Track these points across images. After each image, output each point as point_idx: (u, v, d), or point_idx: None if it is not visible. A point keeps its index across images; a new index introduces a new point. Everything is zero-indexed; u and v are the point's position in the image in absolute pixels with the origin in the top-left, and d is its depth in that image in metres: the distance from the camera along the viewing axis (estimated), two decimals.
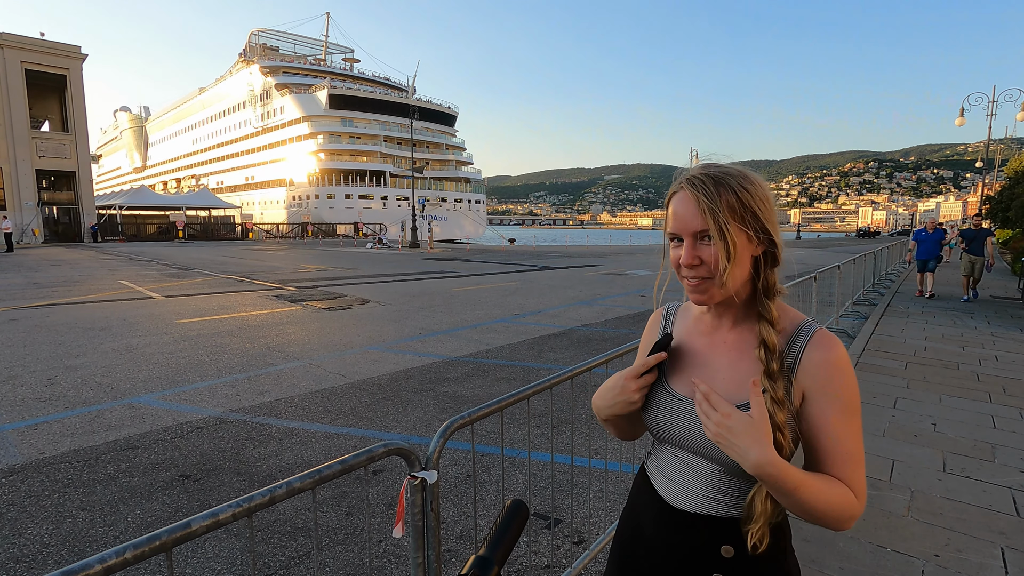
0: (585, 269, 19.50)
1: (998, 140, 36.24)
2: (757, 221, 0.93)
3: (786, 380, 0.93)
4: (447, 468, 3.64)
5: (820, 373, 0.91)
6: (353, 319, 9.14)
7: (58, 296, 11.59)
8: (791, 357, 0.94)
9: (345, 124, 62.02)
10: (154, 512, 3.09)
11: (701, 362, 1.03)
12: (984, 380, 5.50)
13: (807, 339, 0.94)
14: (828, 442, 0.90)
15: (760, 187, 0.95)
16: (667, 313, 1.18)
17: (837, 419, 0.90)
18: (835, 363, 0.91)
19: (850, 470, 0.90)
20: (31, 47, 36.13)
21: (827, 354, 0.92)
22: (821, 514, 0.87)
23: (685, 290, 1.00)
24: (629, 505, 1.17)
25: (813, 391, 0.91)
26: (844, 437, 0.90)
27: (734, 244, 0.91)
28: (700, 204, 0.92)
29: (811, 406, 0.92)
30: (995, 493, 3.20)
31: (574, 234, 73.12)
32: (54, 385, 5.41)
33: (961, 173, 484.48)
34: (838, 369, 0.91)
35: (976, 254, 10.96)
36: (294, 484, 1.14)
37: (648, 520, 1.08)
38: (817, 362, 0.91)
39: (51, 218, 38.50)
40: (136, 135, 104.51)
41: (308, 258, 24.32)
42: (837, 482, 0.89)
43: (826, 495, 0.86)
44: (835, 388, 0.90)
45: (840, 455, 0.90)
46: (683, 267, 0.95)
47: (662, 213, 1.03)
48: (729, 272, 0.91)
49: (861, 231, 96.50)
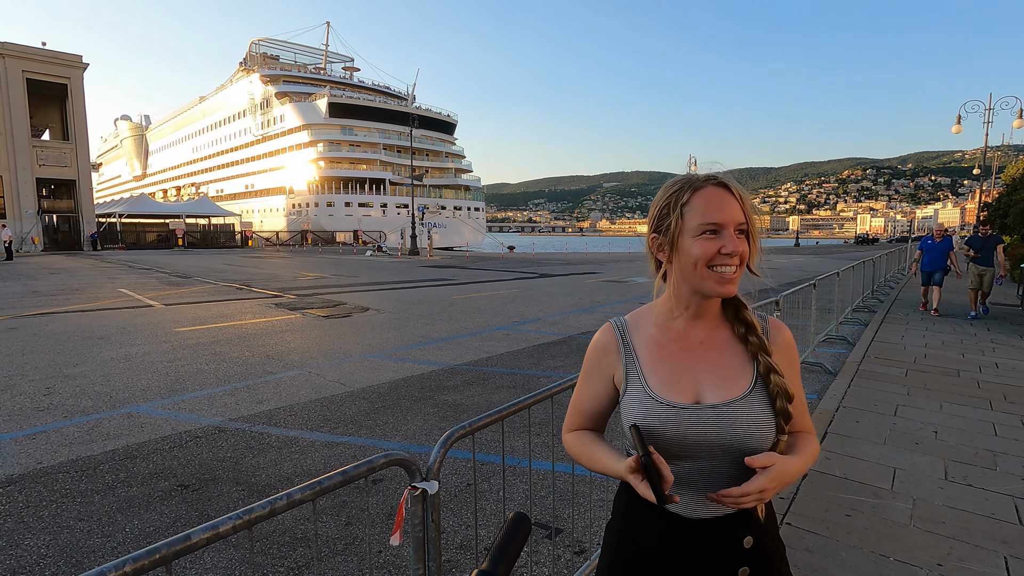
0: (585, 276, 19.51)
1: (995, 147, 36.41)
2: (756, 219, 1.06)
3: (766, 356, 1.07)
4: (447, 477, 3.62)
5: (785, 349, 1.10)
6: (352, 327, 9.13)
7: (57, 304, 11.57)
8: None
9: (345, 132, 62.25)
10: (152, 522, 3.07)
11: (683, 367, 1.05)
12: (985, 387, 5.49)
13: (767, 324, 1.12)
14: (795, 402, 1.05)
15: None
16: (620, 330, 1.12)
17: (796, 382, 1.09)
18: (791, 340, 1.13)
19: (806, 416, 1.12)
20: (32, 56, 36.32)
21: (786, 334, 1.13)
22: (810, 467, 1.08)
23: (709, 282, 0.99)
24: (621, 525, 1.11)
25: (782, 363, 1.07)
26: (800, 395, 1.09)
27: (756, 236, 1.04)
28: (744, 200, 1.02)
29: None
30: (997, 501, 3.19)
31: (573, 241, 73.17)
32: (52, 394, 5.39)
33: (959, 180, 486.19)
34: (793, 344, 1.13)
35: (984, 264, 9.81)
36: (294, 496, 1.14)
37: (652, 537, 1.04)
38: (782, 341, 1.11)
39: (51, 226, 38.54)
40: (136, 143, 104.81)
41: (307, 266, 24.32)
42: (809, 439, 1.11)
43: (812, 455, 1.08)
44: (793, 359, 1.11)
45: (800, 408, 1.09)
46: (724, 256, 0.99)
47: None
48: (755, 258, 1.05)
49: (860, 238, 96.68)
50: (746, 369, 1.05)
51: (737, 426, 1.00)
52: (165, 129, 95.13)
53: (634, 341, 1.10)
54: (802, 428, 1.11)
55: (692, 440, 1.00)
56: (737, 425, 1.00)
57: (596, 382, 1.14)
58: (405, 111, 63.01)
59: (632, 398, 1.05)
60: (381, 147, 63.94)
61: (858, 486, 3.38)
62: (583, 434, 1.17)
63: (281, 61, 75.77)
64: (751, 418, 1.00)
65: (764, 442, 1.00)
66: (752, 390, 1.02)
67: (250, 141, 71.04)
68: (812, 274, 9.50)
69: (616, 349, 1.11)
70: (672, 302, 1.08)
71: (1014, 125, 21.29)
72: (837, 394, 5.23)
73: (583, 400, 1.17)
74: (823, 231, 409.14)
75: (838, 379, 5.78)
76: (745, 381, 1.03)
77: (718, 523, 1.02)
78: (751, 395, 1.02)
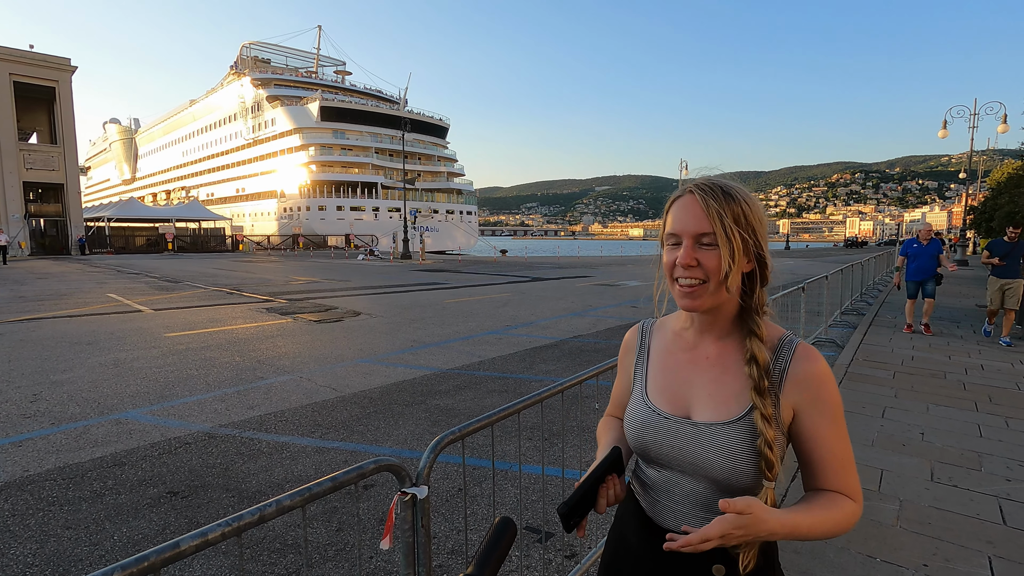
0: (576, 280, 19.56)
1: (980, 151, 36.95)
2: (754, 236, 0.95)
3: (773, 395, 0.94)
4: (438, 482, 3.62)
5: (809, 386, 0.93)
6: (344, 331, 9.10)
7: (44, 310, 11.45)
8: (777, 371, 0.95)
9: (336, 136, 62.16)
10: (141, 530, 3.05)
11: (683, 378, 1.03)
12: (970, 389, 5.57)
13: (791, 353, 0.95)
14: (824, 453, 0.93)
15: (758, 207, 0.97)
16: (642, 331, 1.16)
17: (829, 429, 0.93)
18: (820, 375, 0.93)
19: (845, 475, 0.93)
20: (19, 59, 35.99)
21: (812, 366, 0.94)
22: (829, 535, 0.91)
23: (675, 296, 1.00)
24: (616, 520, 1.17)
25: (803, 404, 0.93)
26: (837, 446, 0.93)
27: (737, 248, 0.92)
28: (708, 208, 0.93)
29: (803, 419, 0.94)
30: (982, 502, 3.24)
31: (565, 245, 73.46)
32: (39, 401, 5.33)
33: (945, 184, 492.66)
34: (823, 380, 0.93)
35: (1010, 276, 7.71)
36: (284, 502, 1.14)
37: (634, 537, 1.08)
38: (804, 375, 0.93)
39: (38, 230, 38.13)
40: (125, 147, 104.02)
41: (299, 270, 24.21)
42: (836, 500, 0.92)
43: (831, 520, 0.90)
44: (823, 399, 0.93)
45: (836, 464, 0.93)
46: (680, 267, 0.95)
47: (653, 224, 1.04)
48: (732, 275, 0.93)
49: (849, 241, 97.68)
50: (743, 397, 0.95)
51: (707, 451, 0.94)
52: (155, 132, 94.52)
53: (652, 344, 1.12)
54: (836, 488, 0.92)
55: (666, 452, 1.00)
56: (707, 450, 0.94)
57: (622, 376, 1.21)
58: (397, 115, 62.99)
59: (633, 398, 1.10)
60: (373, 151, 63.90)
61: None
62: (608, 421, 1.27)
63: (272, 65, 75.59)
64: (723, 448, 0.93)
65: (737, 477, 0.92)
66: (739, 420, 0.94)
67: (241, 145, 70.73)
68: (802, 277, 9.57)
69: (635, 349, 1.15)
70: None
71: (999, 130, 21.65)
72: None
73: (615, 391, 1.25)
74: (813, 234, 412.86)
75: None
76: (737, 408, 0.95)
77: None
78: (735, 425, 0.94)
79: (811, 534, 0.89)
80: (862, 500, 0.94)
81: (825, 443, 0.93)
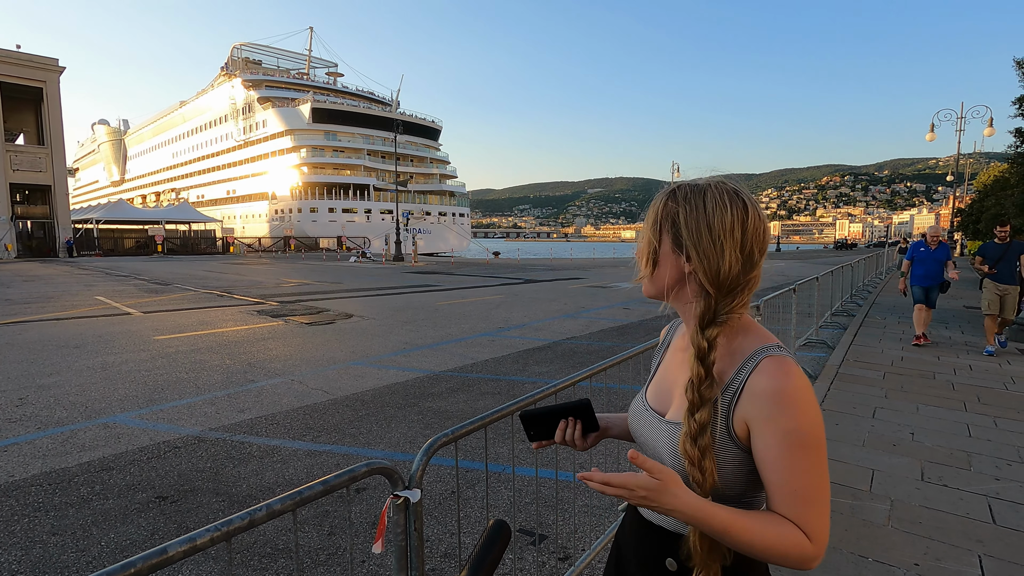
0: (569, 282, 19.58)
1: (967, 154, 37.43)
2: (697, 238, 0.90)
3: (725, 406, 0.89)
4: (431, 484, 3.60)
5: (762, 403, 0.84)
6: (336, 334, 9.04)
7: (31, 313, 11.30)
8: (737, 383, 0.89)
9: (328, 138, 61.89)
10: (129, 536, 3.00)
11: (670, 377, 1.06)
12: (959, 389, 5.62)
13: (755, 365, 0.88)
14: (772, 476, 0.84)
15: (729, 214, 0.90)
16: (670, 328, 1.19)
17: (782, 453, 0.83)
18: (780, 393, 0.83)
19: (799, 509, 0.82)
20: (6, 59, 35.55)
21: (771, 382, 0.84)
22: (763, 554, 0.82)
23: None
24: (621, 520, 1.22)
25: (756, 422, 0.85)
26: (791, 473, 0.82)
27: (649, 245, 0.96)
28: (654, 203, 0.98)
29: (755, 438, 0.86)
30: (972, 501, 3.26)
31: (558, 247, 73.67)
32: (26, 405, 5.25)
33: (933, 186, 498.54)
34: (783, 400, 0.83)
35: (1006, 282, 7.26)
36: (274, 506, 1.12)
37: (626, 528, 1.12)
38: (759, 391, 0.85)
39: (25, 232, 37.65)
40: (115, 148, 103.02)
41: (290, 272, 24.07)
42: (780, 521, 0.82)
43: (763, 535, 0.81)
44: (779, 420, 0.83)
45: (786, 492, 0.83)
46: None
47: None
48: (643, 270, 0.98)
49: (839, 243, 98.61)
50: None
51: (662, 447, 0.96)
52: (144, 134, 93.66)
53: (671, 342, 1.14)
54: (785, 512, 0.83)
55: (643, 443, 1.04)
56: (662, 446, 0.96)
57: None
58: (389, 117, 62.82)
59: (640, 391, 1.14)
60: (365, 153, 63.67)
61: (838, 488, 3.43)
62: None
63: (264, 66, 75.19)
64: (671, 445, 0.93)
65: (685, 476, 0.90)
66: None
67: (232, 146, 70.24)
68: (793, 279, 9.63)
69: (659, 345, 1.18)
70: None
71: (985, 133, 21.92)
72: (817, 397, 5.31)
73: None
74: (803, 236, 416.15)
75: (818, 383, 5.87)
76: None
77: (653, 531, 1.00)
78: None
79: (728, 535, 0.81)
80: (822, 543, 0.82)
81: (776, 467, 0.83)
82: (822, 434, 0.84)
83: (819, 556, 0.82)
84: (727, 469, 0.89)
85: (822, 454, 0.84)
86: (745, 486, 0.90)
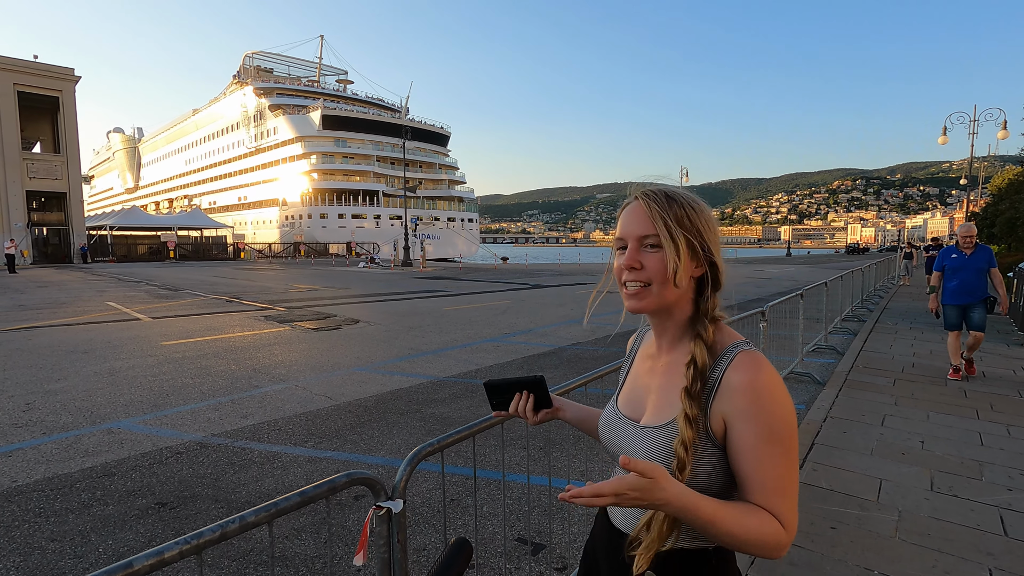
0: (577, 287, 19.52)
1: (981, 158, 36.96)
2: (701, 238, 0.96)
3: (704, 402, 0.91)
4: (430, 492, 3.58)
5: (738, 397, 0.88)
6: (342, 339, 9.06)
7: (43, 318, 11.44)
8: (713, 379, 0.92)
9: (338, 144, 62.41)
10: (127, 542, 3.00)
11: (641, 384, 1.07)
12: (971, 396, 5.50)
13: (729, 361, 0.91)
14: (748, 469, 0.87)
15: (706, 211, 0.98)
16: (636, 338, 1.21)
17: (756, 445, 0.86)
18: (754, 386, 0.87)
19: (773, 499, 0.86)
20: (24, 69, 36.28)
21: (746, 376, 0.88)
22: (743, 543, 0.84)
23: (623, 299, 1.01)
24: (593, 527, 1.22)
25: (731, 415, 0.89)
26: (764, 465, 0.86)
27: (682, 247, 0.93)
28: (651, 211, 0.94)
29: (731, 431, 0.89)
30: (983, 512, 3.17)
31: (566, 252, 73.64)
32: (32, 410, 5.30)
33: (947, 190, 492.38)
34: (758, 392, 0.87)
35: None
36: (248, 518, 1.10)
37: (597, 536, 1.13)
38: (735, 385, 0.89)
39: (40, 239, 38.24)
40: (129, 156, 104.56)
41: (299, 278, 24.22)
42: (758, 511, 0.86)
43: (744, 524, 0.83)
44: (754, 413, 0.86)
45: (759, 483, 0.86)
46: (624, 270, 0.98)
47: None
48: (680, 274, 0.93)
49: (850, 247, 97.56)
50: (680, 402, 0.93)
51: (634, 451, 0.96)
52: (158, 141, 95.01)
53: (639, 349, 1.15)
54: (760, 503, 0.86)
55: (613, 450, 1.05)
56: (634, 451, 0.96)
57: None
58: (399, 123, 63.23)
59: (609, 401, 1.15)
60: (375, 159, 64.11)
61: (844, 498, 3.35)
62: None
63: (275, 74, 76.06)
64: (645, 450, 0.94)
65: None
66: (669, 424, 0.94)
67: (243, 153, 71.05)
68: (802, 284, 9.51)
69: (627, 355, 1.21)
70: None
71: (999, 136, 21.61)
72: (825, 404, 5.23)
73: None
74: (814, 241, 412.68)
75: (826, 389, 5.77)
76: (670, 413, 0.95)
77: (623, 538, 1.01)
78: (664, 428, 0.94)
79: (714, 525, 0.82)
80: (793, 531, 0.87)
81: (751, 459, 0.86)
82: (795, 427, 0.89)
83: (790, 543, 0.87)
84: (703, 468, 0.91)
85: (794, 446, 0.88)
86: (720, 487, 0.92)
